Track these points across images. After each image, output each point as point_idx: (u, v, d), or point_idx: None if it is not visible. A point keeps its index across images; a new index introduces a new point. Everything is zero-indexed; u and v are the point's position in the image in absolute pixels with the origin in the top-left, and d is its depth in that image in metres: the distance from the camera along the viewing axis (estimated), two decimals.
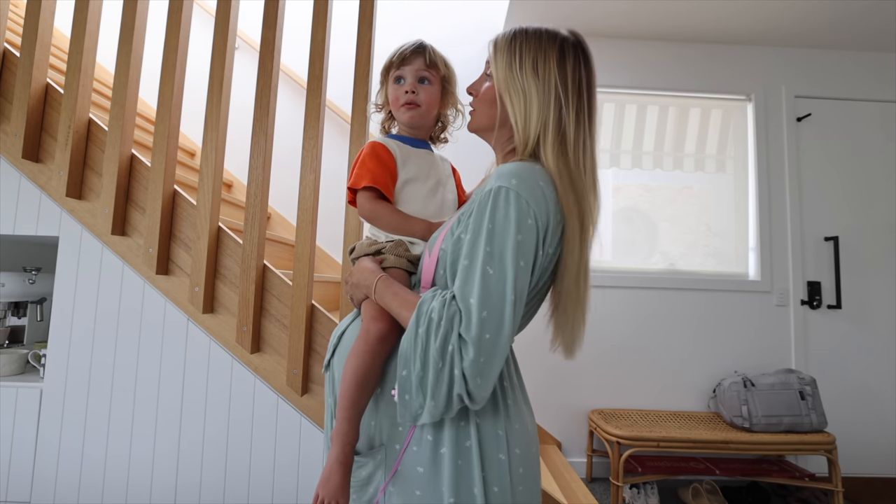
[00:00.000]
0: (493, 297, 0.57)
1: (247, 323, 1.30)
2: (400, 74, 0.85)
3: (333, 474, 0.66)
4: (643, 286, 2.35)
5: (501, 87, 0.69)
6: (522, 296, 0.60)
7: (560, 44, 0.69)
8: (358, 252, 0.81)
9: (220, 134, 1.38)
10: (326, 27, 1.37)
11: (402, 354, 0.61)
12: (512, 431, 0.65)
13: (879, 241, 2.38)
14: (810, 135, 2.44)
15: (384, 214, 0.79)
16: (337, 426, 0.68)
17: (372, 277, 0.72)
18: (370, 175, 0.78)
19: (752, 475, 1.95)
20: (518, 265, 0.58)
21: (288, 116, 2.36)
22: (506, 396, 0.67)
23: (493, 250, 0.58)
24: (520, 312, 0.59)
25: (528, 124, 0.67)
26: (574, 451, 2.28)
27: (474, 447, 0.62)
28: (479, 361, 0.56)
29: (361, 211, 0.80)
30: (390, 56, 0.87)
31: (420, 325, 0.59)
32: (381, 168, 0.79)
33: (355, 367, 0.68)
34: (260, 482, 1.31)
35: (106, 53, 1.99)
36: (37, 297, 1.68)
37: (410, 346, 0.60)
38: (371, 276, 0.72)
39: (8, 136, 1.41)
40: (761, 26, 2.30)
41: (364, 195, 0.80)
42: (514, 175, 0.61)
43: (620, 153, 2.46)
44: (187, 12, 1.44)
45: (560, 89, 0.66)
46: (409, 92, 0.84)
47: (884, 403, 2.29)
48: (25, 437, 1.35)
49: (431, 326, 0.58)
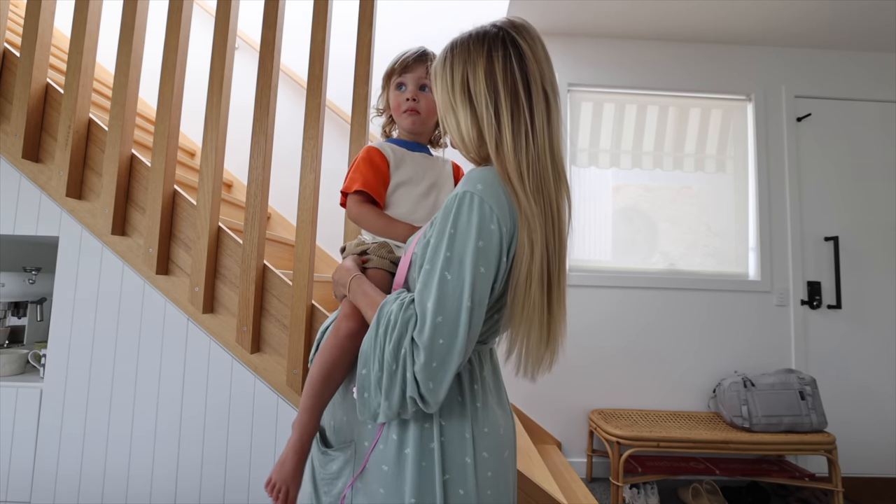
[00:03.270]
0: (449, 303, 0.56)
1: (247, 323, 1.30)
2: (402, 81, 0.88)
3: (288, 460, 0.71)
4: (643, 286, 2.35)
5: (440, 111, 0.71)
6: (482, 302, 0.58)
7: (487, 46, 0.65)
8: (347, 251, 0.85)
9: (220, 134, 1.38)
10: (326, 27, 1.37)
11: (362, 353, 0.62)
12: (480, 434, 0.65)
13: (879, 241, 2.38)
14: (810, 135, 2.44)
15: (369, 217, 0.84)
16: (299, 415, 0.72)
17: (347, 276, 0.74)
18: (361, 179, 0.83)
19: (752, 475, 1.95)
20: (478, 271, 0.57)
21: (288, 116, 2.36)
22: (475, 399, 0.66)
23: (453, 255, 0.57)
24: (479, 318, 0.58)
25: (465, 140, 0.67)
26: (574, 451, 2.28)
27: (437, 449, 0.62)
28: (430, 366, 0.56)
29: (349, 214, 0.85)
30: (392, 62, 0.90)
31: (379, 326, 0.60)
32: (372, 172, 0.84)
33: (322, 361, 0.72)
34: (260, 482, 1.31)
35: (106, 53, 1.98)
36: (37, 297, 1.68)
37: (371, 345, 0.60)
38: (347, 274, 0.75)
39: (8, 136, 1.41)
40: (761, 26, 2.30)
41: (353, 199, 0.85)
42: (480, 180, 0.61)
43: (620, 153, 2.46)
44: (187, 12, 1.44)
45: (490, 97, 0.64)
46: (410, 99, 0.87)
47: (884, 403, 2.29)
48: (25, 437, 1.35)
49: (388, 328, 0.58)
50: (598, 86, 2.47)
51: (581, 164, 2.46)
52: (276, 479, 0.71)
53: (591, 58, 2.47)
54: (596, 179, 2.47)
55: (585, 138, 2.47)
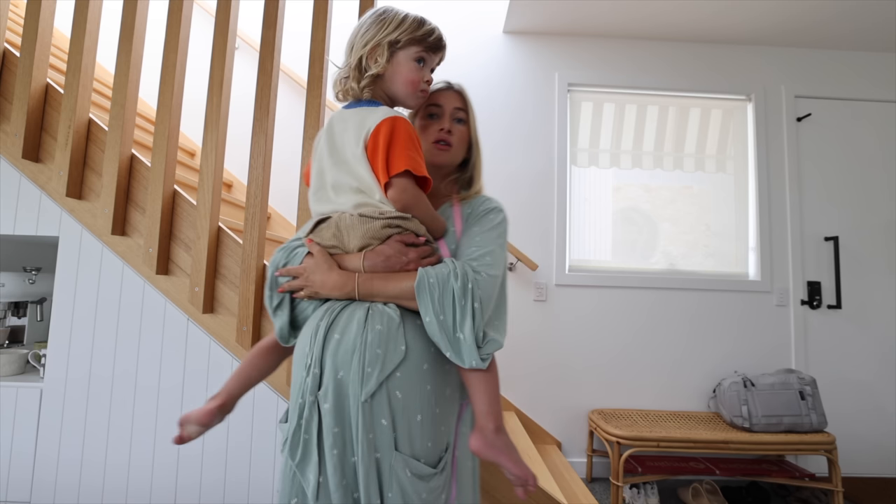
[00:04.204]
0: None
1: (247, 323, 1.30)
2: (430, 65, 0.80)
3: (514, 448, 0.71)
4: (643, 286, 2.35)
5: (475, 135, 0.87)
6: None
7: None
8: (382, 223, 0.73)
9: (220, 134, 1.38)
10: (326, 27, 1.37)
11: (432, 309, 0.71)
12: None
13: (879, 241, 2.38)
14: (810, 135, 2.44)
15: (424, 205, 0.76)
16: (493, 407, 0.71)
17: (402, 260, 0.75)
18: (421, 160, 0.74)
19: (752, 475, 1.95)
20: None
21: (288, 116, 2.36)
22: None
23: (503, 247, 0.79)
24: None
25: (481, 166, 0.88)
26: (574, 451, 2.28)
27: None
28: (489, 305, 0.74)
29: (405, 195, 0.72)
30: (412, 25, 0.77)
31: (441, 278, 0.75)
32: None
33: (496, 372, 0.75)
34: (260, 483, 1.31)
35: (106, 53, 1.98)
36: (37, 297, 1.68)
37: (439, 295, 0.75)
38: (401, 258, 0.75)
39: (8, 136, 1.41)
40: (761, 26, 2.30)
41: (411, 181, 0.73)
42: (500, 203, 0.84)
43: (620, 153, 2.47)
44: (187, 12, 1.44)
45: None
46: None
47: (884, 404, 2.29)
48: (25, 437, 1.35)
49: (452, 274, 0.76)
50: (598, 86, 2.47)
51: (581, 164, 2.46)
52: (526, 472, 0.69)
53: (591, 58, 2.47)
54: (596, 179, 2.47)
55: (585, 138, 2.47)
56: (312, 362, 0.68)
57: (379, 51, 0.76)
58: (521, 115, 2.45)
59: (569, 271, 2.38)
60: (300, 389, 0.69)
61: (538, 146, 2.43)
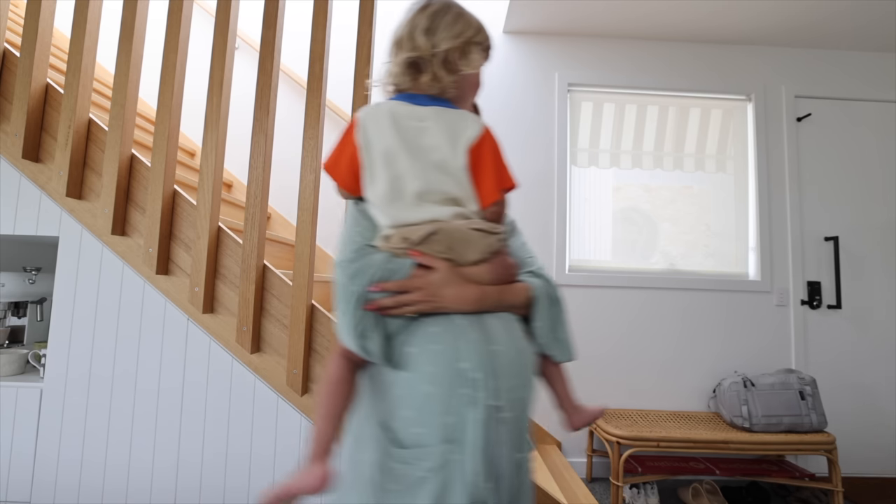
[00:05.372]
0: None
1: (247, 323, 1.30)
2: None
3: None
4: (643, 286, 2.35)
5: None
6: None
7: None
8: (498, 239, 0.74)
9: (220, 134, 1.38)
10: (326, 27, 1.37)
11: (551, 312, 0.78)
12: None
13: (879, 241, 2.38)
14: (810, 135, 2.44)
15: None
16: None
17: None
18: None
19: (752, 475, 1.95)
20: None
21: (288, 116, 2.36)
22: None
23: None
24: None
25: None
26: (574, 451, 2.28)
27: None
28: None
29: (503, 212, 0.76)
30: (485, 31, 0.76)
31: (550, 286, 0.81)
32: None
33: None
34: (260, 483, 1.31)
35: (106, 53, 1.98)
36: (37, 297, 1.68)
37: (549, 303, 0.80)
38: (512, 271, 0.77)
39: (8, 136, 1.41)
40: (760, 26, 2.30)
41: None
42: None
43: (620, 153, 2.46)
44: (187, 12, 1.44)
45: None
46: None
47: (884, 403, 2.29)
48: (25, 437, 1.35)
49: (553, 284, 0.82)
50: (598, 86, 2.47)
51: (581, 164, 2.46)
52: (599, 414, 0.87)
53: (591, 58, 2.47)
54: (596, 179, 2.47)
55: (585, 138, 2.47)
56: (484, 376, 0.65)
57: (471, 49, 0.74)
58: (521, 114, 2.45)
59: (569, 271, 2.38)
60: (455, 406, 0.64)
61: (538, 146, 2.43)
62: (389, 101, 0.74)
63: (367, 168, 0.71)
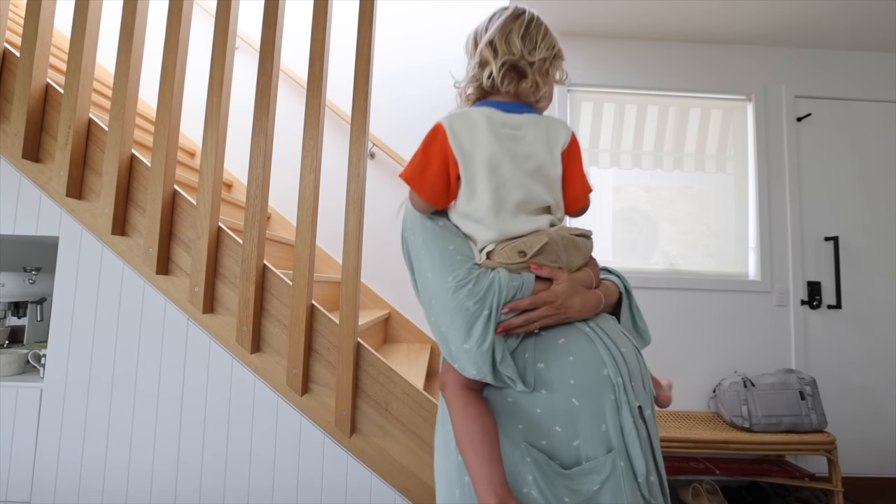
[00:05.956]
0: None
1: (247, 323, 1.30)
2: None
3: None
4: (643, 286, 2.35)
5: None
6: None
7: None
8: (591, 242, 0.76)
9: (220, 134, 1.38)
10: (326, 27, 1.37)
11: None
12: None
13: (879, 241, 2.38)
14: (810, 135, 2.44)
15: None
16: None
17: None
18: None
19: (752, 475, 1.95)
20: None
21: (288, 116, 2.36)
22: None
23: None
24: None
25: None
26: None
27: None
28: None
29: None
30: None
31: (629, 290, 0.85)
32: None
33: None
34: (260, 483, 1.31)
35: (106, 53, 1.99)
36: (37, 297, 1.68)
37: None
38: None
39: (8, 136, 1.41)
40: (759, 25, 2.30)
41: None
42: None
43: (620, 153, 2.46)
44: (187, 12, 1.44)
45: None
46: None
47: (884, 403, 2.29)
48: (25, 437, 1.35)
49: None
50: (598, 86, 2.47)
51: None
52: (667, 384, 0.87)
53: (591, 58, 2.47)
54: (596, 179, 2.47)
55: (585, 138, 2.47)
56: (623, 380, 0.65)
57: (561, 62, 0.74)
58: None
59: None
60: (607, 413, 0.64)
61: None
62: (480, 108, 0.70)
63: (466, 179, 0.67)
